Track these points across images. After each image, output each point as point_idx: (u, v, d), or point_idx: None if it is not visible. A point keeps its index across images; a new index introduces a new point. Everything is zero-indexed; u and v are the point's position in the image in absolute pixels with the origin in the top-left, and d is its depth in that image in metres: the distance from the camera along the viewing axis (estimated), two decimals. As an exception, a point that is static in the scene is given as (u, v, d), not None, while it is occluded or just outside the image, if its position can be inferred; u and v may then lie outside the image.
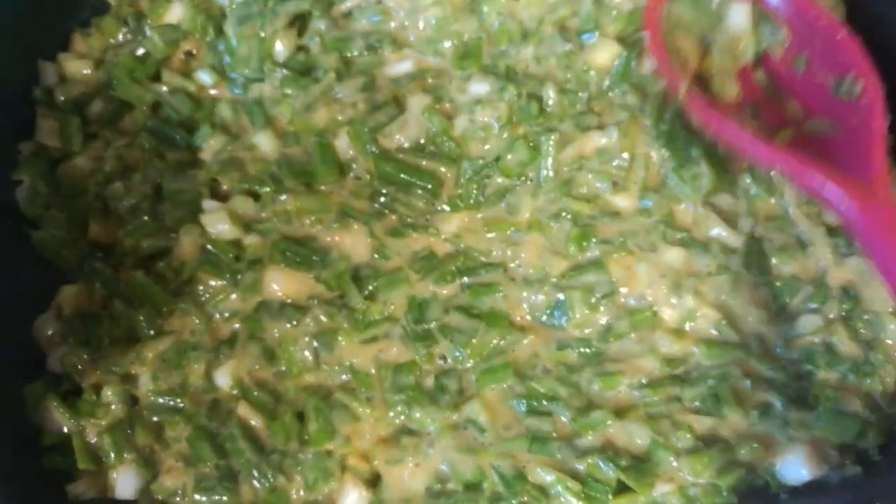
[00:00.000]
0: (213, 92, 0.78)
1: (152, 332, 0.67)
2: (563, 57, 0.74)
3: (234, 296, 0.69)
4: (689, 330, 0.67)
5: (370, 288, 0.69)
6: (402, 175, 0.72)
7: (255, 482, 0.63)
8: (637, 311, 0.67)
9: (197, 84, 0.77)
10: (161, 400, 0.65)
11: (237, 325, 0.68)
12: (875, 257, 0.55)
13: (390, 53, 0.77)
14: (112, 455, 0.63)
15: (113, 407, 0.64)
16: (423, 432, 0.64)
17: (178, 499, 0.62)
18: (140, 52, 0.78)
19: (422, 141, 0.73)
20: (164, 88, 0.76)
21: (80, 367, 0.66)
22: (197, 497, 0.62)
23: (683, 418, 0.64)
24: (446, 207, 0.72)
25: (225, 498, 0.62)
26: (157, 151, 0.74)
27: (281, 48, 0.77)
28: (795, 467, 0.63)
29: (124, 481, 0.63)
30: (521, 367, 0.66)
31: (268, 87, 0.76)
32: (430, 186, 0.72)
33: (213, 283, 0.69)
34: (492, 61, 0.75)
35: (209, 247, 0.69)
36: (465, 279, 0.69)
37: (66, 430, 0.64)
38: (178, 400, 0.65)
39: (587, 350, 0.67)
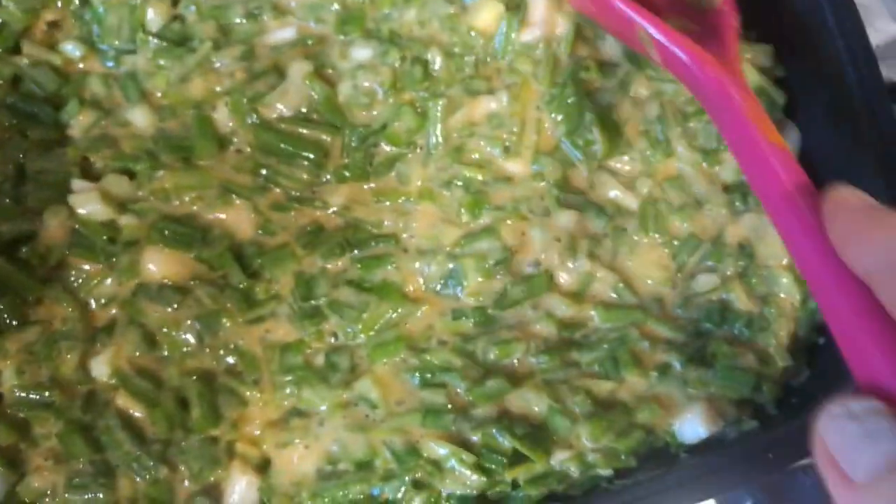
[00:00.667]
0: (81, 66, 0.73)
1: (15, 322, 0.63)
2: (447, 19, 0.72)
3: (109, 280, 0.65)
4: (586, 293, 0.67)
5: (254, 266, 0.67)
6: (283, 145, 0.69)
7: (135, 475, 0.60)
8: (532, 277, 0.67)
9: (63, 57, 0.73)
10: (28, 395, 0.61)
11: (115, 311, 0.65)
12: (725, 117, 0.55)
13: (271, 20, 0.74)
14: (-30, 457, 0.59)
15: (-28, 405, 0.60)
16: (312, 413, 0.63)
17: (47, 500, 0.59)
18: None
19: (304, 110, 0.71)
20: (25, 62, 0.72)
21: (-70, 364, 0.62)
22: (68, 496, 0.59)
23: (581, 383, 0.64)
24: (332, 179, 0.70)
25: (100, 495, 0.59)
26: (19, 129, 0.69)
27: (154, 17, 0.73)
28: (692, 426, 0.63)
29: (-15, 485, 0.59)
30: (415, 339, 0.65)
31: (141, 59, 0.73)
32: (314, 157, 0.70)
33: (85, 267, 0.66)
34: (375, 26, 0.73)
35: (80, 229, 0.66)
36: (356, 252, 0.68)
37: (-84, 432, 0.60)
38: (48, 394, 0.61)
39: (482, 318, 0.66)
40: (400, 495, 0.60)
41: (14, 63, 0.72)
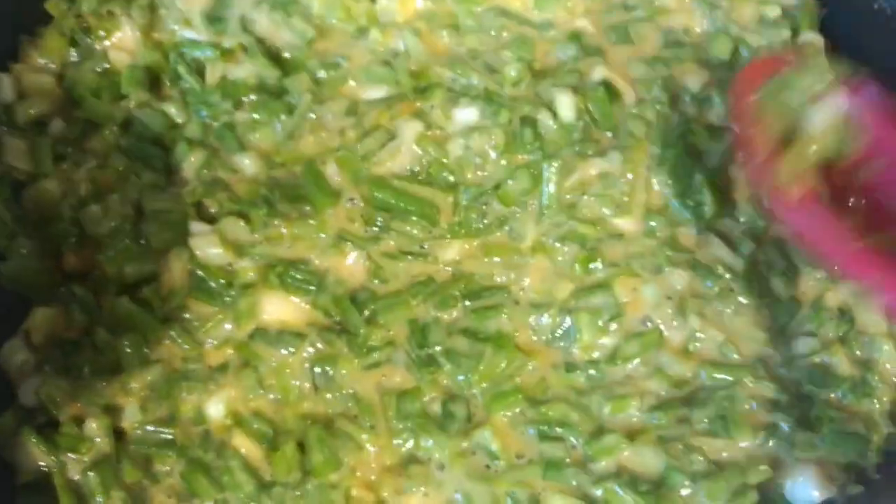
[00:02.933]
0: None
1: (139, 361, 0.67)
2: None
3: (226, 322, 0.70)
4: (694, 351, 0.72)
5: (369, 312, 0.71)
6: (397, 203, 0.75)
7: (257, 518, 0.64)
8: (644, 334, 0.72)
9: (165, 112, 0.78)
10: (150, 432, 0.65)
11: (230, 352, 0.69)
12: None
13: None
14: (98, 494, 0.63)
15: (97, 440, 0.64)
16: (431, 460, 0.67)
17: (172, 539, 0.63)
18: (101, 68, 0.79)
19: (415, 169, 0.76)
20: (132, 104, 0.77)
21: (57, 398, 0.66)
22: (194, 536, 0.63)
23: (694, 441, 0.69)
24: (445, 235, 0.75)
25: (225, 536, 0.63)
26: (133, 170, 0.75)
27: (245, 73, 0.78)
28: (805, 489, 0.68)
29: (113, 522, 0.63)
30: (529, 391, 0.70)
31: (239, 113, 0.78)
32: (427, 213, 0.75)
33: (203, 309, 0.70)
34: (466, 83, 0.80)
35: (198, 272, 0.71)
36: (468, 303, 0.72)
37: (44, 466, 0.64)
38: (169, 431, 0.65)
39: (595, 373, 0.71)
40: (524, 548, 0.64)
41: (123, 107, 0.77)
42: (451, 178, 0.76)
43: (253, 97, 0.77)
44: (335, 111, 0.77)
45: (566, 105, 0.79)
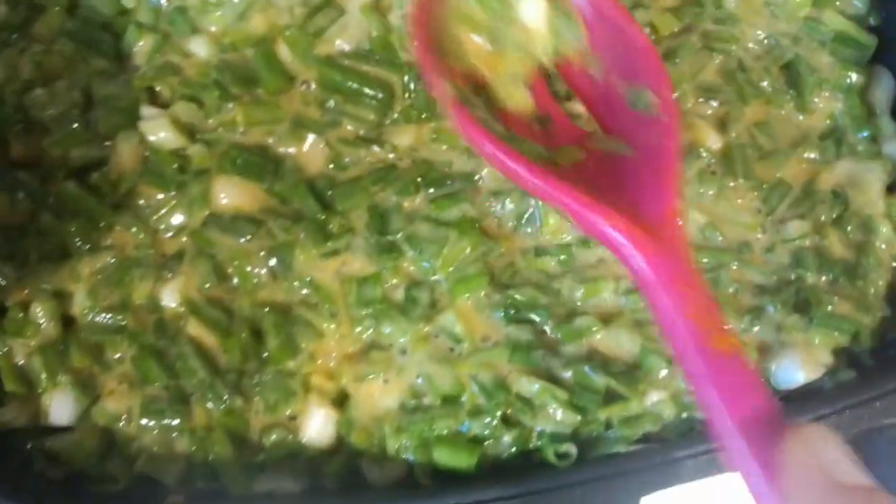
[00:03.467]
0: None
1: (88, 247, 0.66)
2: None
3: (179, 209, 0.68)
4: (674, 235, 0.69)
5: (327, 199, 0.69)
6: (348, 83, 0.72)
7: (210, 404, 0.62)
8: (619, 216, 0.69)
9: None
10: (100, 318, 0.64)
11: (184, 240, 0.68)
12: (658, 313, 0.49)
13: None
14: (44, 377, 0.62)
15: (43, 325, 0.63)
16: (393, 346, 0.65)
17: (121, 424, 0.62)
18: None
19: (365, 46, 0.73)
20: None
21: (4, 284, 0.64)
22: (144, 421, 0.62)
23: (673, 324, 0.66)
24: (399, 119, 0.72)
25: (175, 421, 0.62)
26: (82, 56, 0.72)
27: None
28: (791, 371, 0.66)
29: (59, 406, 0.62)
30: (496, 275, 0.67)
31: None
32: (380, 95, 0.72)
33: (156, 195, 0.68)
34: None
35: (150, 156, 0.69)
36: (431, 190, 0.69)
37: (-11, 350, 0.63)
38: (120, 318, 0.64)
39: (566, 257, 0.68)
40: (489, 432, 0.62)
41: None
42: (400, 56, 0.73)
43: None
44: None
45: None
